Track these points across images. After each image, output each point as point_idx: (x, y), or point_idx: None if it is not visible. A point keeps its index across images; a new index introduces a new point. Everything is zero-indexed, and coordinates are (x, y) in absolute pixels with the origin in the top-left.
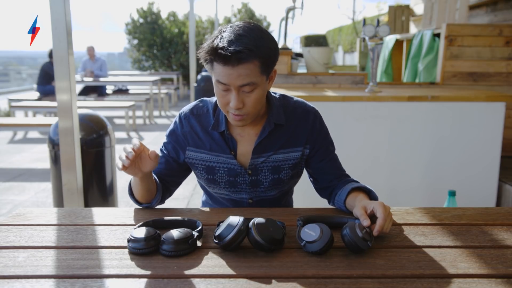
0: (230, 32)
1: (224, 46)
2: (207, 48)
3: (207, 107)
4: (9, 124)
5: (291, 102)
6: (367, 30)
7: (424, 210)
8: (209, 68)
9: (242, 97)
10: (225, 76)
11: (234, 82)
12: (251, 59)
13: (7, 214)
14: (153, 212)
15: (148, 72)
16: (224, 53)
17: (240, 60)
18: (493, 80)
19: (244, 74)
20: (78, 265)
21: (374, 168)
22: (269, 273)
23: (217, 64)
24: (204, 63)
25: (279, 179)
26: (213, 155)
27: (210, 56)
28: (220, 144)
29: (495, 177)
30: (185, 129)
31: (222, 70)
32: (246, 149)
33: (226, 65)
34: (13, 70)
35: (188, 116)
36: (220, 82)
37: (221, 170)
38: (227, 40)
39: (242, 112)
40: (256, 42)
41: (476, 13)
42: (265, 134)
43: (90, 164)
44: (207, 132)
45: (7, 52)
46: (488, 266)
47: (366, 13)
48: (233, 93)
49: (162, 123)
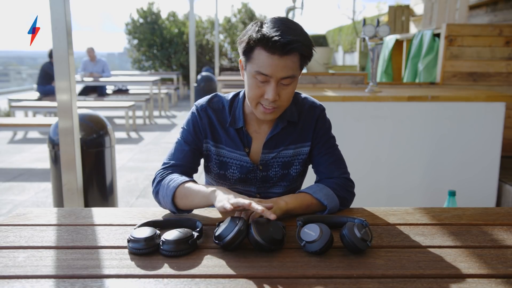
0: (275, 23)
1: (276, 34)
2: (254, 36)
3: (222, 103)
4: (9, 124)
5: (300, 98)
6: (367, 30)
7: (424, 210)
8: (247, 59)
9: (279, 89)
10: (269, 67)
11: (278, 73)
12: (297, 51)
13: (7, 214)
14: (153, 212)
15: (148, 72)
16: (277, 40)
17: (289, 51)
18: (493, 80)
19: (288, 66)
20: (78, 265)
21: (374, 168)
22: (269, 273)
23: (262, 54)
24: (242, 54)
25: (288, 174)
26: (227, 151)
27: (256, 45)
28: (235, 140)
29: (495, 177)
30: (203, 120)
31: (267, 60)
32: (259, 145)
33: (273, 54)
34: (13, 70)
35: (205, 108)
36: (261, 73)
37: (233, 166)
38: (276, 29)
39: (275, 105)
40: (302, 35)
41: (476, 13)
42: (277, 130)
43: (90, 164)
44: (223, 127)
45: (7, 52)
46: (488, 266)
47: (366, 13)
48: (271, 85)
49: (162, 123)
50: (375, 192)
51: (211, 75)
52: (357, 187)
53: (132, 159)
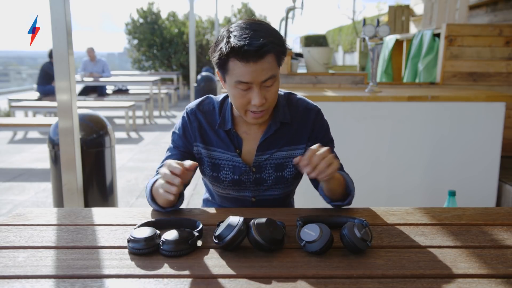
0: (241, 29)
1: (244, 43)
2: (224, 50)
3: (213, 104)
4: (9, 124)
5: (294, 100)
6: (367, 30)
7: (424, 210)
8: (223, 72)
9: (263, 93)
10: (248, 74)
11: (257, 78)
12: (271, 51)
13: (7, 214)
14: (153, 212)
15: (148, 72)
16: (247, 49)
17: (262, 54)
18: (493, 80)
19: (266, 68)
20: (78, 265)
21: (374, 168)
22: (269, 273)
23: (237, 64)
24: (217, 68)
25: (282, 177)
26: (218, 152)
27: (229, 57)
28: (225, 142)
29: (495, 177)
30: (193, 124)
31: (243, 69)
32: (251, 147)
33: (248, 62)
34: (13, 70)
35: (195, 111)
36: (242, 82)
37: (226, 168)
38: (244, 37)
39: (263, 108)
40: (271, 35)
41: (476, 13)
42: (270, 133)
43: (90, 164)
44: (213, 129)
45: (7, 52)
46: (488, 266)
47: (366, 13)
48: (255, 90)
49: (162, 123)
50: (375, 192)
51: (211, 75)
52: (357, 187)
53: (132, 159)
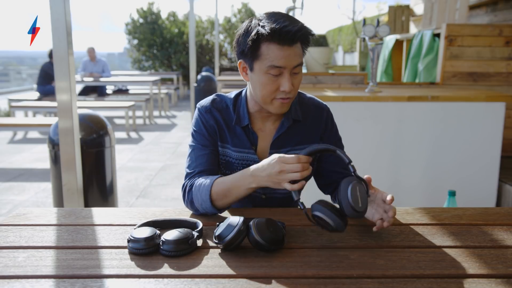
0: (275, 16)
1: (283, 25)
2: (260, 33)
3: (225, 102)
4: (9, 124)
5: (305, 98)
6: (367, 30)
7: (424, 210)
8: (252, 59)
9: (292, 79)
10: (282, 58)
11: (290, 62)
12: (303, 38)
13: (7, 214)
14: (153, 212)
15: (148, 72)
16: (287, 30)
17: (297, 39)
18: (493, 80)
19: (298, 54)
20: (78, 265)
21: (374, 168)
22: (269, 273)
23: (271, 48)
24: (243, 57)
25: None
26: (232, 151)
27: (263, 41)
28: (241, 138)
29: (495, 177)
30: (209, 122)
31: (278, 53)
32: (265, 144)
33: (283, 45)
34: (13, 70)
35: (209, 109)
36: (275, 66)
37: (240, 167)
38: (280, 21)
39: (290, 95)
40: (302, 24)
41: (476, 13)
42: (283, 129)
43: (90, 164)
44: (229, 126)
45: (7, 52)
46: (488, 266)
47: (366, 13)
48: (285, 76)
49: (162, 123)
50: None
51: (211, 75)
52: None
53: (132, 159)
